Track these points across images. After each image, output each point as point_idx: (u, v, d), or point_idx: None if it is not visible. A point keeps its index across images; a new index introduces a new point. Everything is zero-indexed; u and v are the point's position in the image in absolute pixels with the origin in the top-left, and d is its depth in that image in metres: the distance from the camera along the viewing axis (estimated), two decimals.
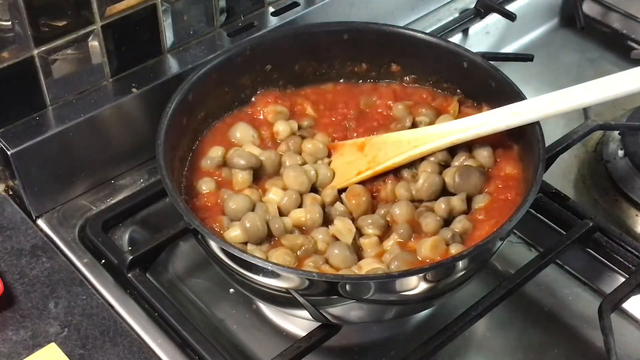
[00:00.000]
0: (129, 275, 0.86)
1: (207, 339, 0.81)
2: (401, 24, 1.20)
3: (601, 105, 0.85)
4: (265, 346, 0.87)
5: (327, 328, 0.81)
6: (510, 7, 1.24)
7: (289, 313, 0.86)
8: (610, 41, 1.29)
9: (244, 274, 0.77)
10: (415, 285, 0.75)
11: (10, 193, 0.95)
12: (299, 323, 0.88)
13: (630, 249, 0.89)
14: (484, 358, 0.89)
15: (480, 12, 1.22)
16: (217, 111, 0.94)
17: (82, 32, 0.91)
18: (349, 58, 0.98)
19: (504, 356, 0.89)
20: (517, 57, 1.16)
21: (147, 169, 1.00)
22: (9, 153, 0.89)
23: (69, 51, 0.91)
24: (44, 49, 0.89)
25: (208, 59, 0.98)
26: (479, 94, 0.94)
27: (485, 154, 0.88)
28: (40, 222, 0.94)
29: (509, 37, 1.28)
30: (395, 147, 0.89)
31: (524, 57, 1.14)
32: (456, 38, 1.21)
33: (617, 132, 1.08)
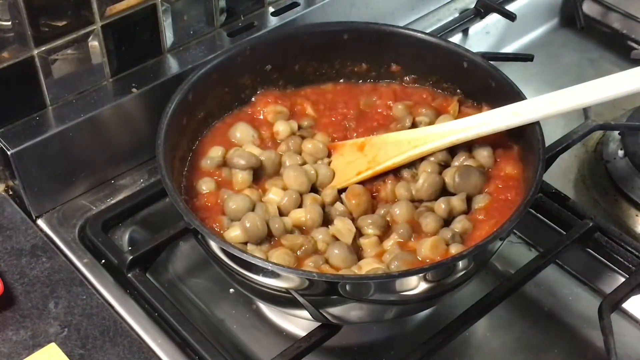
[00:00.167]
0: (129, 275, 0.86)
1: (207, 339, 0.81)
2: (401, 24, 1.20)
3: (601, 105, 0.85)
4: (265, 346, 0.87)
5: (327, 328, 0.81)
6: (510, 7, 1.24)
7: (289, 313, 0.86)
8: (610, 41, 1.29)
9: (244, 274, 0.77)
10: (415, 285, 0.75)
11: (10, 193, 0.95)
12: (299, 323, 0.88)
13: (630, 249, 0.89)
14: (484, 358, 0.88)
15: (480, 12, 1.22)
16: (217, 111, 0.94)
17: (82, 32, 0.91)
18: (349, 58, 0.98)
19: (504, 356, 0.89)
20: (517, 57, 1.16)
21: (147, 169, 1.00)
22: (9, 153, 0.89)
23: (69, 51, 0.91)
24: (44, 49, 0.89)
25: (208, 59, 0.98)
26: (479, 94, 0.94)
27: (485, 154, 0.88)
28: (40, 222, 0.94)
29: (509, 37, 1.28)
30: (395, 147, 0.89)
31: (524, 57, 1.14)
32: (456, 38, 1.21)
33: (617, 132, 1.08)
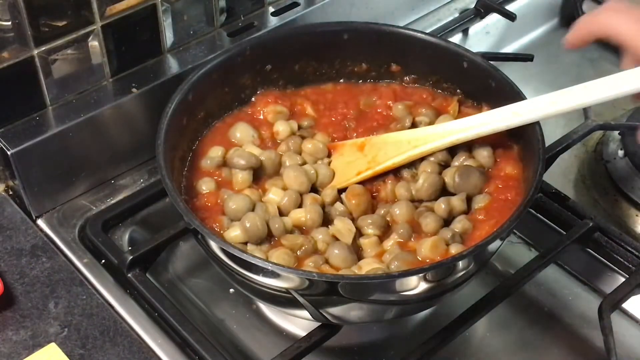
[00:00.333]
0: (129, 275, 0.86)
1: (207, 339, 0.81)
2: (401, 24, 1.20)
3: (601, 105, 0.85)
4: (265, 346, 0.87)
5: (327, 328, 0.81)
6: (510, 7, 1.24)
7: (289, 313, 0.86)
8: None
9: (244, 274, 0.77)
10: (415, 285, 0.75)
11: (10, 193, 0.95)
12: (299, 323, 0.88)
13: (630, 249, 0.89)
14: (484, 358, 0.88)
15: (480, 12, 1.22)
16: (217, 111, 0.94)
17: (82, 32, 0.91)
18: (349, 58, 0.98)
19: (504, 356, 0.89)
20: (517, 57, 1.16)
21: (147, 169, 1.00)
22: (9, 153, 0.89)
23: (69, 51, 0.91)
24: (44, 49, 0.89)
25: (208, 59, 0.98)
26: (479, 94, 0.94)
27: (485, 154, 0.88)
28: (40, 222, 0.94)
29: (509, 37, 1.28)
30: (395, 147, 0.89)
31: (524, 57, 1.14)
32: (456, 38, 1.21)
33: (617, 132, 1.08)
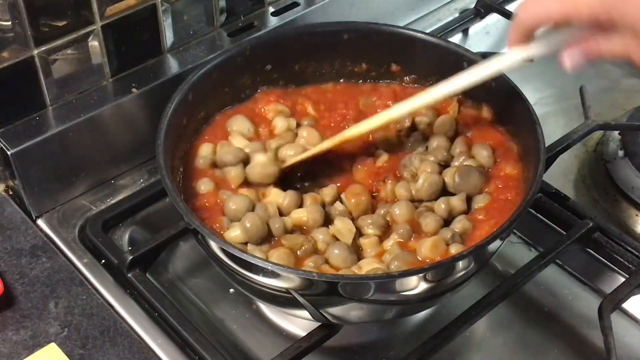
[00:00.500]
0: (129, 275, 0.86)
1: (207, 339, 0.81)
2: (401, 24, 1.20)
3: (601, 105, 0.85)
4: (265, 346, 0.87)
5: (327, 328, 0.81)
6: (510, 7, 1.23)
7: (289, 313, 0.86)
8: None
9: (244, 274, 0.77)
10: (415, 285, 0.75)
11: (10, 193, 0.95)
12: (299, 323, 0.88)
13: (630, 249, 0.89)
14: (484, 358, 0.88)
15: (480, 12, 1.22)
16: (217, 111, 0.94)
17: (82, 32, 0.91)
18: (349, 58, 0.98)
19: (504, 356, 0.89)
20: None
21: (147, 169, 1.00)
22: (9, 153, 0.89)
23: (69, 51, 0.91)
24: (44, 49, 0.89)
25: (208, 59, 0.98)
26: (479, 94, 0.94)
27: (485, 154, 0.88)
28: (40, 222, 0.94)
29: None
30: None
31: None
32: (456, 38, 1.21)
33: (617, 132, 1.08)
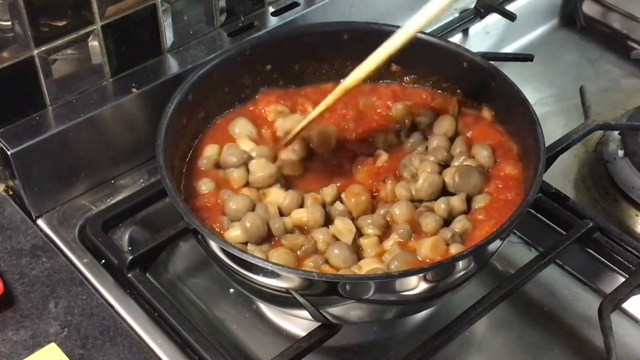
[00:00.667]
0: (129, 275, 0.86)
1: (207, 339, 0.81)
2: (401, 24, 1.19)
3: (601, 105, 0.85)
4: (265, 346, 0.87)
5: (327, 328, 0.81)
6: (510, 7, 1.24)
7: (289, 313, 0.86)
8: (610, 41, 1.29)
9: (244, 274, 0.77)
10: (415, 285, 0.75)
11: (10, 193, 0.95)
12: (299, 323, 0.88)
13: (630, 249, 0.89)
14: (484, 358, 0.88)
15: (480, 12, 1.22)
16: (218, 111, 0.94)
17: (82, 32, 0.91)
18: (349, 58, 0.98)
19: (504, 356, 0.89)
20: (517, 57, 1.16)
21: (147, 169, 1.00)
22: (9, 153, 0.89)
23: (69, 51, 0.91)
24: (44, 49, 0.89)
25: (208, 59, 0.98)
26: (479, 94, 0.94)
27: (485, 154, 0.88)
28: (40, 222, 0.94)
29: (509, 37, 1.28)
30: None
31: (524, 57, 1.14)
32: (456, 38, 1.21)
33: (617, 132, 1.08)
